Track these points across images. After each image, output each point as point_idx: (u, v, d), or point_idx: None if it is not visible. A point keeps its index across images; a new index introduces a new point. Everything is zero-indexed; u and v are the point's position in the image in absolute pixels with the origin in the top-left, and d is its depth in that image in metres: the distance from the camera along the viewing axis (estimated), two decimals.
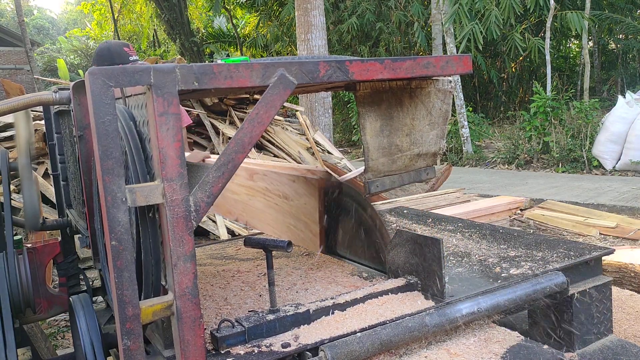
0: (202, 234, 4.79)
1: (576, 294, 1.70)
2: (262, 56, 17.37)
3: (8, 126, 5.36)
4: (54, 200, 3.12)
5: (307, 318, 1.48)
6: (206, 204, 1.20)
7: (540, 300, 1.72)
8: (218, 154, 6.03)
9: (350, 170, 6.23)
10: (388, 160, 1.61)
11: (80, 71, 20.91)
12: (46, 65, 27.52)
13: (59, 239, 2.42)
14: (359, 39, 16.00)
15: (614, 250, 1.92)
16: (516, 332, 1.51)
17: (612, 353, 1.72)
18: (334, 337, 1.39)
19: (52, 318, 3.98)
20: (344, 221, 2.08)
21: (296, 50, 9.71)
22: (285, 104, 6.73)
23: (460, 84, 11.70)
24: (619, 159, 8.89)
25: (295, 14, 8.97)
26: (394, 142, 1.60)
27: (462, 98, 11.79)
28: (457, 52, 11.15)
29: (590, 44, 15.07)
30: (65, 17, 47.60)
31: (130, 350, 1.14)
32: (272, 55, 17.06)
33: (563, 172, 9.52)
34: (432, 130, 1.68)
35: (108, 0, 22.27)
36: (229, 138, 6.19)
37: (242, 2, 18.41)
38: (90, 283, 2.31)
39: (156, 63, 7.25)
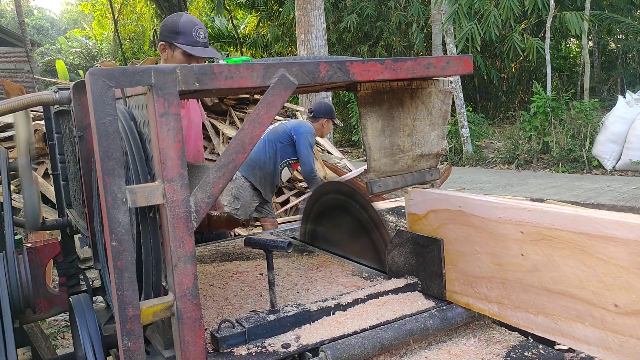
0: None
1: None
2: (262, 56, 17.37)
3: (8, 126, 5.37)
4: (54, 200, 3.12)
5: (307, 318, 1.48)
6: (206, 204, 1.20)
7: None
8: (218, 154, 6.04)
9: (350, 171, 6.24)
10: (390, 160, 1.61)
11: (81, 71, 20.93)
12: (46, 65, 27.53)
13: (59, 239, 2.42)
14: (359, 38, 16.01)
15: None
16: (516, 332, 1.51)
17: None
18: (335, 337, 1.39)
19: (52, 318, 3.99)
20: (344, 221, 2.08)
21: (296, 50, 9.72)
22: (286, 104, 6.73)
23: (460, 84, 11.71)
24: (619, 159, 8.91)
25: (295, 14, 8.98)
26: (396, 142, 1.60)
27: (462, 98, 11.80)
28: (456, 53, 11.16)
29: (590, 44, 15.07)
30: (65, 17, 47.61)
31: (130, 351, 1.14)
32: (273, 56, 17.07)
33: (563, 172, 9.53)
34: (433, 130, 1.68)
35: (108, 0, 22.27)
36: (229, 138, 6.19)
37: (242, 3, 18.41)
38: (90, 283, 2.31)
39: (156, 63, 7.24)
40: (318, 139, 6.88)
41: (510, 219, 1.36)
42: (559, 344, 1.34)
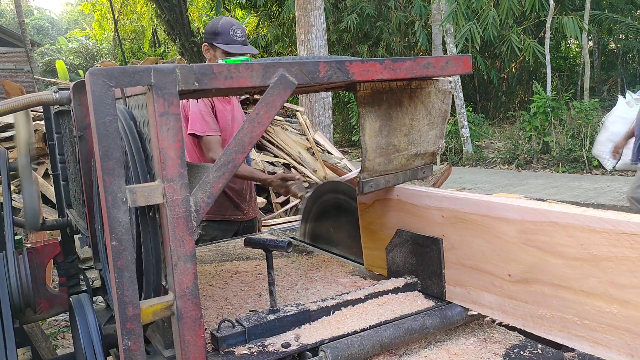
0: None
1: None
2: (262, 57, 17.35)
3: (8, 126, 5.37)
4: (54, 200, 3.12)
5: (307, 318, 1.48)
6: (206, 204, 1.20)
7: None
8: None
9: (350, 170, 6.24)
10: (385, 160, 1.61)
11: (81, 71, 20.93)
12: (46, 65, 27.52)
13: (59, 239, 2.42)
14: (359, 39, 16.01)
15: None
16: (516, 331, 1.51)
17: None
18: (335, 337, 1.40)
19: (52, 318, 3.99)
20: (344, 220, 2.09)
21: (296, 50, 9.71)
22: (286, 104, 6.73)
23: (460, 84, 11.72)
24: (619, 159, 8.89)
25: (295, 14, 8.98)
26: (392, 142, 1.61)
27: (462, 98, 11.81)
28: (456, 53, 11.16)
29: (590, 44, 15.06)
30: (66, 17, 47.61)
31: (130, 351, 1.14)
32: (273, 56, 17.07)
33: (563, 172, 9.53)
34: (431, 130, 1.68)
35: (108, 0, 22.28)
36: None
37: (242, 3, 18.42)
38: (90, 283, 2.31)
39: (156, 63, 7.23)
40: (318, 138, 6.89)
41: (434, 206, 1.57)
42: (471, 311, 1.53)
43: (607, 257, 1.15)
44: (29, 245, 2.15)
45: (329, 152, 6.79)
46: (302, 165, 6.05)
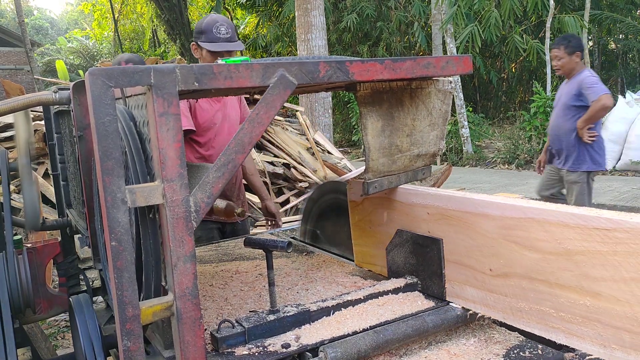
0: None
1: None
2: (262, 57, 17.36)
3: (8, 126, 5.36)
4: (54, 200, 3.12)
5: (307, 318, 1.48)
6: (206, 204, 1.20)
7: None
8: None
9: (350, 171, 6.23)
10: (388, 160, 1.61)
11: (81, 71, 20.93)
12: (46, 65, 27.52)
13: (59, 239, 2.42)
14: (359, 38, 16.01)
15: None
16: (516, 332, 1.51)
17: None
18: (335, 337, 1.39)
19: (52, 318, 3.98)
20: (344, 221, 2.08)
21: (296, 50, 9.71)
22: (286, 104, 6.73)
23: (460, 84, 11.71)
24: (619, 159, 8.89)
25: (295, 14, 8.97)
26: (395, 142, 1.60)
27: (462, 98, 11.80)
28: (457, 53, 11.15)
29: (590, 43, 15.04)
30: (66, 17, 47.62)
31: (130, 351, 1.14)
32: (273, 56, 17.07)
33: None
34: (432, 130, 1.68)
35: (108, 0, 22.27)
36: None
37: (242, 3, 18.41)
38: (90, 283, 2.31)
39: (156, 63, 7.22)
40: (318, 138, 6.89)
41: (420, 203, 1.63)
42: (453, 305, 1.57)
43: (580, 252, 1.19)
44: (29, 245, 2.15)
45: (329, 152, 6.79)
46: (302, 165, 6.05)
